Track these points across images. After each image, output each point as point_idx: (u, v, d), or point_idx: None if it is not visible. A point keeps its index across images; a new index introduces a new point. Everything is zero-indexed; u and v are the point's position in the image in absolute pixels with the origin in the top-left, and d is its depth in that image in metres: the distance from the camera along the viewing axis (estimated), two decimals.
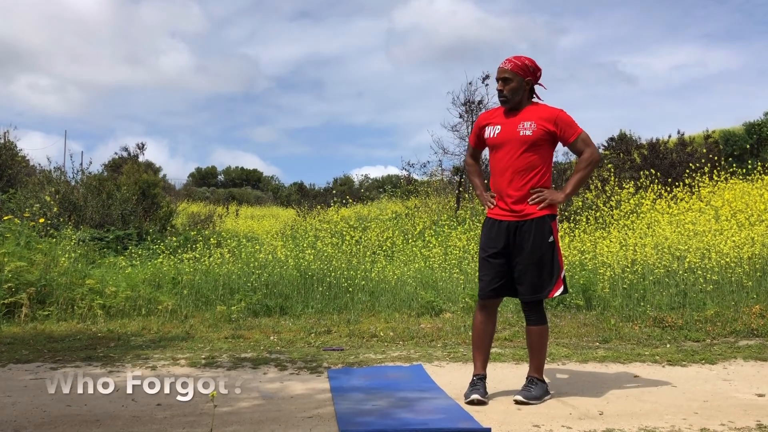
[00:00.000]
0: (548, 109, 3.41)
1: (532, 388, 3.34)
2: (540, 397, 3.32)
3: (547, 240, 3.33)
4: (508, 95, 3.39)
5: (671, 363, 4.28)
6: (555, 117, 3.35)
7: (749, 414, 3.08)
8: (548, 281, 3.35)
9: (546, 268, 3.34)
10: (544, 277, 3.34)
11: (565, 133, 3.35)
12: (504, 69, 3.39)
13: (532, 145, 3.33)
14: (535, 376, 3.41)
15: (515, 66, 3.38)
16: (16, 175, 13.78)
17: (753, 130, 19.99)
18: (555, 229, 3.38)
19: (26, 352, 4.61)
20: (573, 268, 7.20)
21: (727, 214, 8.32)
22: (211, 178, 48.43)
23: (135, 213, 10.77)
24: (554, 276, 3.35)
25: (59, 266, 6.65)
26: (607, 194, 10.81)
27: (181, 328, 5.61)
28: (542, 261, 3.33)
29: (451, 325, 5.71)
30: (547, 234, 3.33)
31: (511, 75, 3.37)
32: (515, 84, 3.37)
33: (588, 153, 3.37)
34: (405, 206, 14.54)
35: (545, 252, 3.33)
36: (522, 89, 3.39)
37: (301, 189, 33.92)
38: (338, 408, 3.14)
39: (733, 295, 6.32)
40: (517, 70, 3.37)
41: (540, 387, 3.38)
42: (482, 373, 3.46)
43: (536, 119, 3.35)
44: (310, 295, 6.94)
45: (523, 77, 3.38)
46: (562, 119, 3.36)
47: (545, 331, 3.45)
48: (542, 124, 3.34)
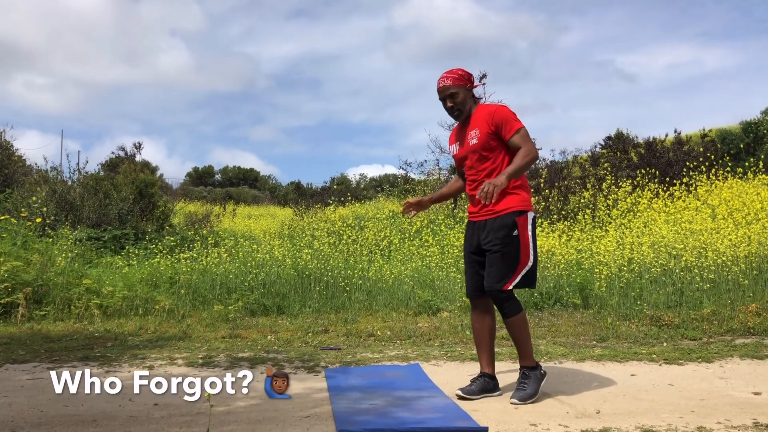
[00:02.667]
0: (487, 108, 3.47)
1: (525, 384, 3.34)
2: (534, 393, 3.32)
3: (510, 234, 3.34)
4: (461, 107, 3.48)
5: (668, 361, 4.29)
6: (493, 114, 3.40)
7: (746, 412, 3.08)
8: (506, 273, 3.34)
9: (506, 261, 3.34)
10: (502, 269, 3.35)
11: (503, 129, 3.36)
12: (447, 86, 3.47)
13: (484, 150, 3.41)
14: (526, 365, 3.40)
15: (455, 79, 3.47)
16: (12, 174, 13.75)
17: (750, 128, 20.03)
18: (523, 224, 3.36)
19: (23, 352, 4.60)
20: (570, 266, 7.22)
21: (724, 213, 8.33)
22: (209, 177, 48.38)
23: (132, 212, 10.75)
24: (513, 269, 3.34)
25: (56, 266, 6.64)
26: (604, 193, 10.83)
27: (178, 328, 5.61)
28: (504, 254, 3.35)
29: (448, 324, 5.72)
30: (511, 228, 3.34)
31: (455, 89, 3.45)
32: (461, 95, 3.46)
33: (526, 149, 3.32)
34: (402, 205, 14.52)
35: (507, 245, 3.34)
36: (468, 97, 3.49)
37: (299, 188, 33.91)
38: (335, 407, 3.14)
39: (729, 294, 6.34)
40: (458, 82, 3.46)
41: (534, 378, 3.36)
42: (484, 371, 3.48)
43: (479, 124, 3.43)
44: (308, 295, 6.94)
45: (464, 86, 3.48)
46: (500, 115, 3.39)
47: (521, 319, 3.41)
48: (484, 127, 3.40)
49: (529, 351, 3.44)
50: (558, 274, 7.05)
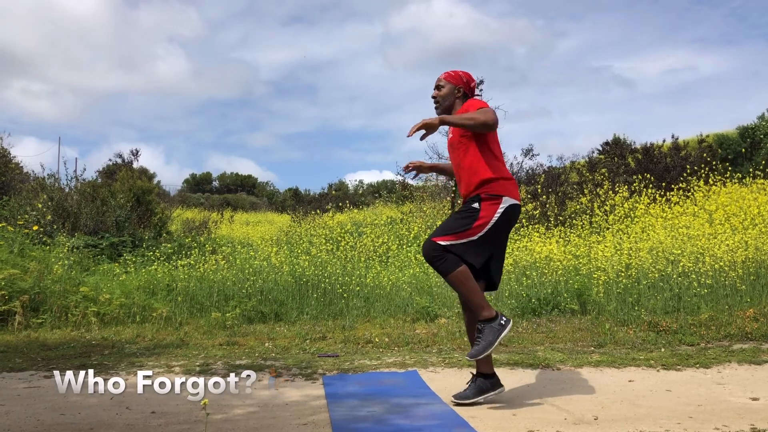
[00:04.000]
0: (463, 107, 3.54)
1: (479, 339, 3.30)
2: (489, 345, 3.27)
3: (470, 205, 3.37)
4: (439, 99, 3.61)
5: (666, 367, 4.29)
6: (465, 110, 3.48)
7: (743, 418, 3.08)
8: (446, 231, 3.35)
9: (453, 223, 3.37)
10: (445, 226, 3.39)
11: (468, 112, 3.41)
12: (439, 78, 3.65)
13: (458, 144, 3.48)
14: (480, 319, 3.34)
15: (449, 76, 3.63)
16: (9, 182, 13.74)
17: (747, 133, 20.05)
18: (486, 204, 3.33)
19: (20, 360, 4.59)
20: (568, 272, 7.22)
21: (721, 218, 8.35)
22: (206, 184, 48.41)
23: (129, 220, 10.74)
24: (455, 231, 3.33)
25: (53, 274, 6.63)
26: (602, 199, 10.84)
27: (176, 335, 5.59)
28: (456, 217, 3.39)
29: (446, 330, 5.71)
30: (473, 202, 3.37)
31: (443, 82, 3.61)
32: (446, 90, 3.60)
33: (484, 110, 3.33)
34: (400, 211, 14.55)
35: (463, 213, 3.38)
36: (452, 95, 3.60)
37: (296, 195, 33.95)
38: (333, 414, 3.13)
39: (727, 299, 6.34)
40: (450, 79, 3.61)
41: (488, 331, 3.29)
42: (480, 371, 3.45)
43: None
44: (305, 302, 6.93)
45: (454, 84, 3.60)
46: (468, 106, 3.49)
47: (459, 275, 3.31)
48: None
49: (477, 304, 3.35)
50: (556, 280, 7.06)
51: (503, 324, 3.33)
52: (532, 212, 10.86)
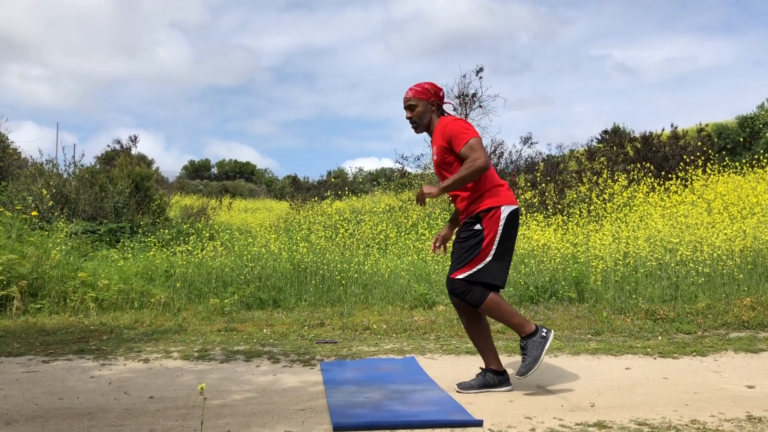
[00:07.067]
0: (441, 122, 3.48)
1: (525, 356, 3.31)
2: (536, 360, 3.28)
3: (473, 227, 3.34)
4: (417, 120, 3.54)
5: (663, 355, 4.30)
6: (443, 130, 3.42)
7: (739, 405, 3.10)
8: (460, 263, 3.34)
9: (463, 252, 3.35)
10: (456, 260, 3.37)
11: (453, 143, 3.36)
12: (407, 98, 3.55)
13: (443, 165, 3.45)
14: (522, 336, 3.36)
15: (416, 92, 3.53)
16: (7, 167, 13.72)
17: (746, 123, 20.00)
18: (486, 218, 3.31)
19: (18, 345, 4.59)
20: (566, 260, 7.23)
21: (720, 207, 8.36)
22: (205, 170, 48.33)
23: (128, 206, 10.74)
24: (468, 260, 3.31)
25: (51, 259, 6.62)
26: (600, 187, 10.84)
27: (174, 321, 5.60)
28: (462, 246, 3.37)
29: (444, 317, 5.73)
30: (474, 222, 3.34)
31: (414, 101, 3.51)
32: (420, 108, 3.52)
33: (472, 158, 3.26)
34: (399, 199, 14.53)
35: (468, 238, 3.35)
36: (427, 112, 3.53)
37: (295, 182, 33.92)
38: (331, 400, 3.14)
39: (724, 288, 6.36)
40: (419, 96, 3.52)
41: (531, 346, 3.31)
42: (489, 366, 3.45)
43: (436, 140, 3.47)
44: (304, 288, 6.94)
45: (426, 100, 3.52)
46: (449, 130, 3.38)
47: (490, 304, 3.31)
48: (440, 143, 3.44)
49: (517, 324, 3.36)
50: (554, 268, 7.07)
51: (545, 336, 3.36)
52: (531, 200, 10.86)
